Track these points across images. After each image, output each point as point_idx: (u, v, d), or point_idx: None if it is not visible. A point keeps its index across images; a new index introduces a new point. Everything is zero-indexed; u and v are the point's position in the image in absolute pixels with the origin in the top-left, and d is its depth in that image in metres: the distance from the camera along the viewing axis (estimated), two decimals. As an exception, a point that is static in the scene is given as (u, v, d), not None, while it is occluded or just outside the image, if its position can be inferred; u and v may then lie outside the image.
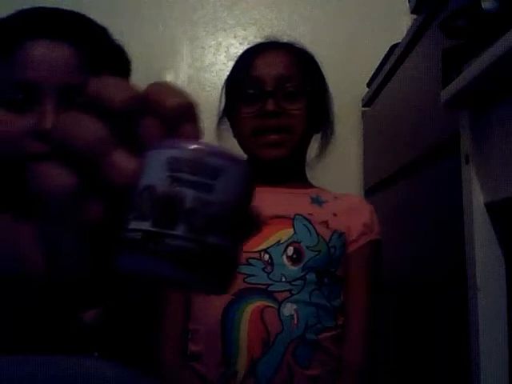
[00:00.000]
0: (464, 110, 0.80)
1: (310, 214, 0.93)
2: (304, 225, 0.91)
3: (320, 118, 1.00)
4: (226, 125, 1.03)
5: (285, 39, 1.02)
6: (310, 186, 1.02)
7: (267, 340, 0.84)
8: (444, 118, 0.89)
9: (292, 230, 0.90)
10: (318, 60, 1.03)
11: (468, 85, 0.72)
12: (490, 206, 0.76)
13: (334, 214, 0.94)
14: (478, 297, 0.74)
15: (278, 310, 0.85)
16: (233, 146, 1.00)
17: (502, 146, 0.71)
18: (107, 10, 1.69)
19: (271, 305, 0.86)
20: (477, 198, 0.77)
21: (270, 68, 0.95)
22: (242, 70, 0.99)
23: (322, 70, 1.03)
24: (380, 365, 0.91)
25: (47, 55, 0.70)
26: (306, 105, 0.95)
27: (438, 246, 0.96)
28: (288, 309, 0.86)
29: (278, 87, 0.93)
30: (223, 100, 1.03)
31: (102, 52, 0.75)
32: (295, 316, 0.85)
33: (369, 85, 1.51)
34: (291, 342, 0.84)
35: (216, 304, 0.87)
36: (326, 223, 0.93)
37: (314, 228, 0.91)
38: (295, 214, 0.92)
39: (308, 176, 1.04)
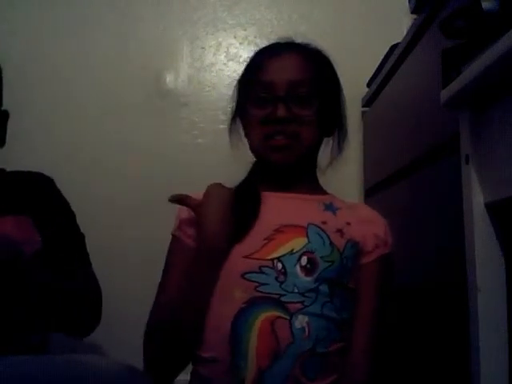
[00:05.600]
0: (464, 110, 0.80)
1: (323, 222, 0.90)
2: (318, 234, 0.89)
3: (332, 121, 0.97)
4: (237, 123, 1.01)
5: (299, 39, 0.97)
6: (322, 192, 0.99)
7: (277, 351, 0.82)
8: (444, 118, 0.89)
9: (305, 239, 0.88)
10: (332, 61, 0.99)
11: (468, 85, 0.72)
12: (490, 206, 0.76)
13: (348, 223, 0.92)
14: (478, 297, 0.74)
15: (290, 321, 0.83)
16: (244, 145, 0.97)
17: (502, 146, 0.71)
18: (107, 11, 1.69)
19: (283, 316, 0.83)
20: (477, 198, 0.76)
21: (282, 72, 0.92)
22: (254, 71, 0.96)
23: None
24: (381, 367, 0.91)
25: None
26: (317, 109, 0.92)
27: (438, 246, 0.96)
28: (300, 321, 0.84)
29: (289, 92, 0.90)
30: (234, 99, 1.01)
31: None
32: (306, 329, 0.84)
33: (369, 85, 1.51)
34: (302, 354, 0.83)
35: (227, 312, 0.85)
36: (340, 231, 0.90)
37: (328, 237, 0.89)
38: (308, 223, 0.89)
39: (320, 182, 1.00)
